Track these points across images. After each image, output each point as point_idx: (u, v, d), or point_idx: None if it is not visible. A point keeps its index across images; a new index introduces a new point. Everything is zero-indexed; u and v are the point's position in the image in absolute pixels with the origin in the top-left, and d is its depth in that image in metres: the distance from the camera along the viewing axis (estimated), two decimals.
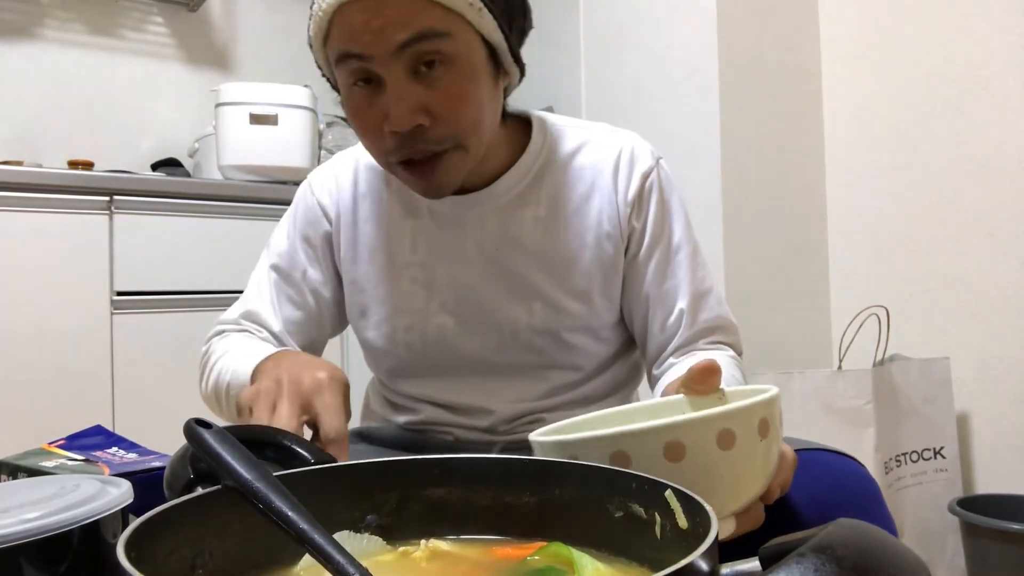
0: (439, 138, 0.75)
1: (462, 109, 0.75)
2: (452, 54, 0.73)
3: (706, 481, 0.47)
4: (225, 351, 0.87)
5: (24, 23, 2.16)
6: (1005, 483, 1.67)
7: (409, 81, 0.72)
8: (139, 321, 1.79)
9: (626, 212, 0.87)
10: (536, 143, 0.88)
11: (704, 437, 0.47)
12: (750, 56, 1.86)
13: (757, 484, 0.52)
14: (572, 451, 0.49)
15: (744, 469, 0.50)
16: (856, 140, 1.95)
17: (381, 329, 0.90)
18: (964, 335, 1.74)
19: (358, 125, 0.78)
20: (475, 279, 0.87)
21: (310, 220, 0.93)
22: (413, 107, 0.72)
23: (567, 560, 0.42)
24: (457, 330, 0.88)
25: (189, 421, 0.44)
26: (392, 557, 0.45)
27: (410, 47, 0.71)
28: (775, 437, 0.51)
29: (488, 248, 0.86)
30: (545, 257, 0.87)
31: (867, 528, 0.33)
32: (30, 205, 1.68)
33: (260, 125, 1.98)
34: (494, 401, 0.88)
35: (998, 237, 1.69)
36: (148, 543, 0.36)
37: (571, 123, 0.93)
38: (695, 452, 0.47)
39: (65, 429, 0.85)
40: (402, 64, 0.72)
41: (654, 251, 0.88)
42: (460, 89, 0.74)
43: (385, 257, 0.89)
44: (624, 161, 0.88)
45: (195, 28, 2.40)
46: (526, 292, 0.87)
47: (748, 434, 0.49)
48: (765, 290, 1.86)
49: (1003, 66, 1.68)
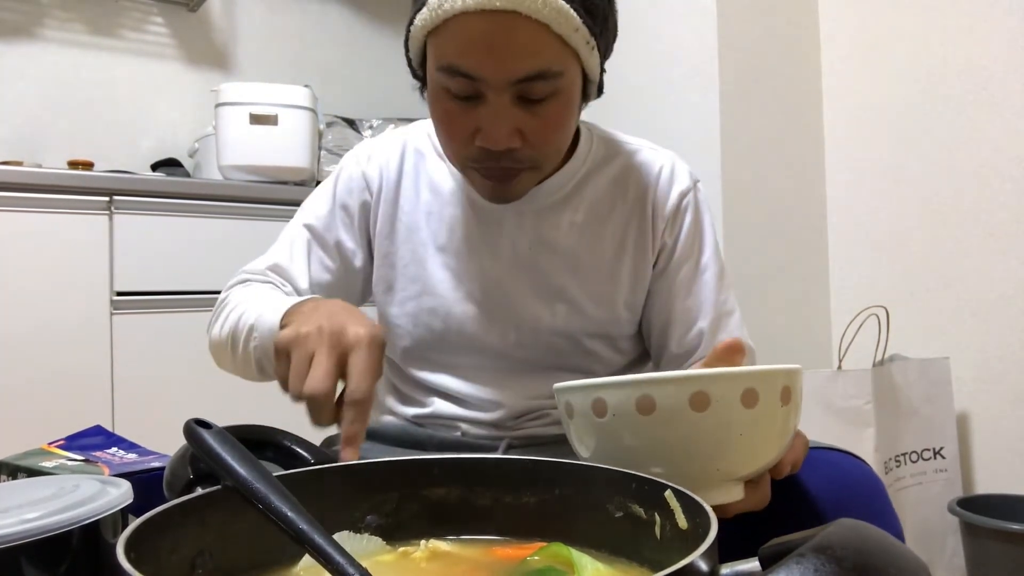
0: (524, 159, 0.77)
1: (556, 136, 0.78)
2: (559, 89, 0.74)
3: (726, 435, 0.50)
4: (249, 297, 0.85)
5: (24, 23, 2.16)
6: (1005, 483, 1.67)
7: (513, 106, 0.73)
8: (139, 321, 1.79)
9: (660, 227, 0.89)
10: (582, 151, 0.90)
11: (729, 391, 0.49)
12: (750, 56, 1.86)
13: (772, 450, 0.54)
14: (598, 394, 0.51)
15: (763, 431, 0.51)
16: (856, 140, 1.95)
17: (405, 307, 0.91)
18: (964, 335, 1.74)
19: (446, 129, 0.78)
20: (504, 275, 0.88)
21: (351, 189, 0.93)
22: (511, 131, 0.73)
23: (567, 560, 0.42)
24: (479, 320, 0.89)
25: (189, 421, 0.44)
26: (392, 557, 0.45)
27: (528, 82, 0.71)
28: (794, 408, 0.53)
29: (521, 247, 0.88)
30: (576, 261, 0.88)
31: (867, 528, 0.33)
32: (30, 205, 1.68)
33: (260, 125, 1.98)
34: (504, 394, 0.89)
35: (998, 237, 1.69)
36: (148, 543, 0.36)
37: (616, 136, 0.95)
38: (719, 405, 0.49)
39: (65, 429, 0.85)
40: (513, 92, 0.72)
41: (681, 268, 0.90)
42: (558, 119, 0.76)
43: (420, 238, 0.90)
44: (664, 177, 0.90)
45: (195, 28, 2.40)
46: (552, 293, 0.88)
47: (770, 397, 0.50)
48: (765, 290, 1.86)
49: (1003, 66, 1.68)
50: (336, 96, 2.41)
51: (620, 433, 0.51)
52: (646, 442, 0.51)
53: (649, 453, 0.51)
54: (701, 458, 0.51)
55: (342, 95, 2.49)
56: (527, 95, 0.73)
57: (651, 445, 0.51)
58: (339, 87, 2.52)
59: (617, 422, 0.51)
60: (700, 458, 0.51)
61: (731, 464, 0.52)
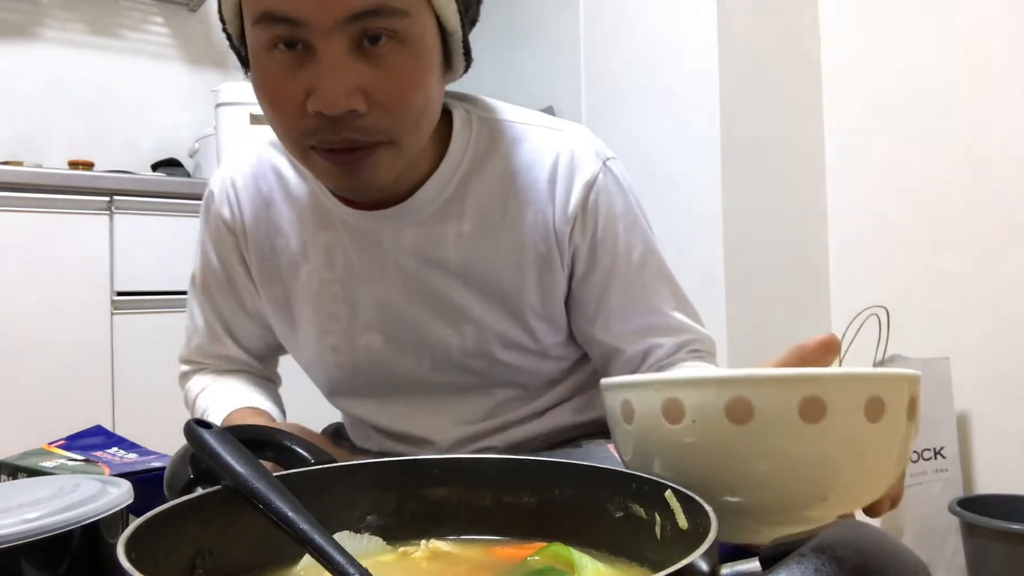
0: (373, 128, 0.63)
1: (407, 96, 0.63)
2: (404, 34, 0.61)
3: (845, 454, 0.40)
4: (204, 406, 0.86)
5: (24, 23, 2.16)
6: (1005, 483, 1.67)
7: (348, 56, 0.60)
8: (139, 321, 1.79)
9: (566, 229, 0.76)
10: (458, 145, 0.76)
11: (850, 398, 0.40)
12: (750, 56, 1.86)
13: (890, 476, 0.44)
14: (672, 393, 0.41)
15: (886, 451, 0.42)
16: (856, 140, 1.95)
17: (308, 351, 0.83)
18: (964, 335, 1.74)
19: (271, 98, 0.64)
20: (398, 298, 0.78)
21: (217, 239, 0.85)
22: (350, 87, 0.60)
23: (567, 560, 0.42)
24: (387, 349, 0.80)
25: (189, 421, 0.44)
26: (392, 557, 0.45)
27: (360, 20, 0.59)
28: (916, 425, 0.43)
29: (409, 268, 0.76)
30: (472, 278, 0.76)
31: (867, 528, 0.33)
32: (30, 205, 1.68)
33: (260, 125, 1.98)
34: (436, 424, 0.82)
35: (998, 237, 1.69)
36: (148, 543, 0.36)
37: (503, 115, 0.79)
38: (837, 415, 0.39)
39: (65, 429, 0.85)
40: (345, 37, 0.60)
41: (612, 272, 0.77)
42: (408, 74, 0.63)
43: (303, 274, 0.80)
44: (562, 168, 0.76)
45: (195, 28, 2.40)
46: (454, 314, 0.78)
47: (897, 409, 0.41)
48: (765, 290, 1.86)
49: (1003, 66, 1.68)
50: None
51: (701, 446, 0.41)
52: (737, 459, 0.41)
53: (740, 474, 0.41)
54: (807, 484, 0.41)
55: None
56: (363, 39, 0.60)
57: (744, 464, 0.41)
58: None
59: (698, 431, 0.41)
60: (806, 484, 0.41)
61: (842, 493, 0.42)
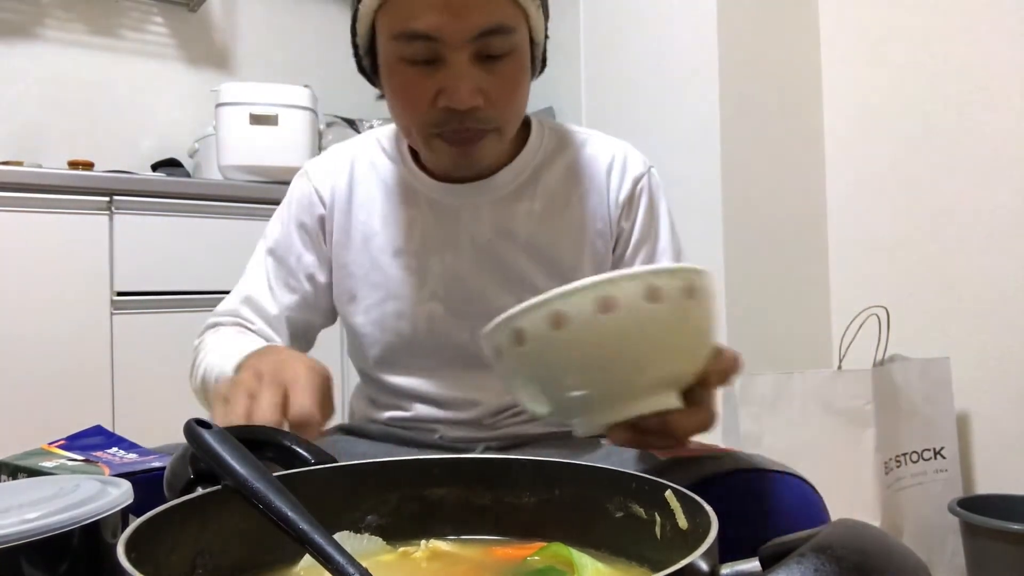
0: (486, 118, 0.79)
1: (513, 95, 0.80)
2: (512, 46, 0.77)
3: (637, 334, 0.51)
4: (213, 348, 0.87)
5: (24, 23, 2.16)
6: (1005, 483, 1.67)
7: (471, 64, 0.75)
8: (139, 321, 1.79)
9: (616, 213, 0.91)
10: (535, 142, 0.92)
11: (633, 289, 0.50)
12: (750, 56, 1.86)
13: (689, 350, 0.55)
14: (516, 324, 0.52)
15: (674, 327, 0.52)
16: (856, 140, 1.95)
17: (370, 314, 0.91)
18: (964, 335, 1.74)
19: (405, 98, 0.80)
20: (467, 268, 0.88)
21: (304, 206, 0.95)
22: (474, 89, 0.76)
23: (567, 560, 0.42)
24: (447, 318, 0.88)
25: (189, 421, 0.44)
26: (392, 557, 0.45)
27: (485, 37, 0.74)
28: (703, 306, 0.54)
29: (481, 239, 0.88)
30: (537, 250, 0.89)
31: (867, 528, 0.33)
32: (30, 205, 1.68)
33: (260, 125, 1.98)
34: (481, 392, 0.88)
35: (998, 237, 1.69)
36: (148, 543, 0.36)
37: (567, 127, 0.97)
38: (625, 305, 0.50)
39: (65, 429, 0.85)
40: (470, 49, 0.75)
41: (640, 251, 0.92)
42: (514, 77, 0.79)
43: (378, 244, 0.90)
44: (618, 165, 0.92)
45: (195, 28, 2.40)
46: (518, 283, 0.88)
47: (674, 293, 0.51)
48: (765, 290, 1.86)
49: (1003, 66, 1.68)
50: (336, 96, 2.40)
51: (543, 356, 0.52)
52: (566, 359, 0.51)
53: (573, 369, 0.52)
54: (622, 364, 0.52)
55: (342, 95, 2.48)
56: (486, 52, 0.76)
57: (570, 360, 0.52)
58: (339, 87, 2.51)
59: (537, 345, 0.51)
60: (621, 364, 0.52)
61: (651, 366, 0.53)
